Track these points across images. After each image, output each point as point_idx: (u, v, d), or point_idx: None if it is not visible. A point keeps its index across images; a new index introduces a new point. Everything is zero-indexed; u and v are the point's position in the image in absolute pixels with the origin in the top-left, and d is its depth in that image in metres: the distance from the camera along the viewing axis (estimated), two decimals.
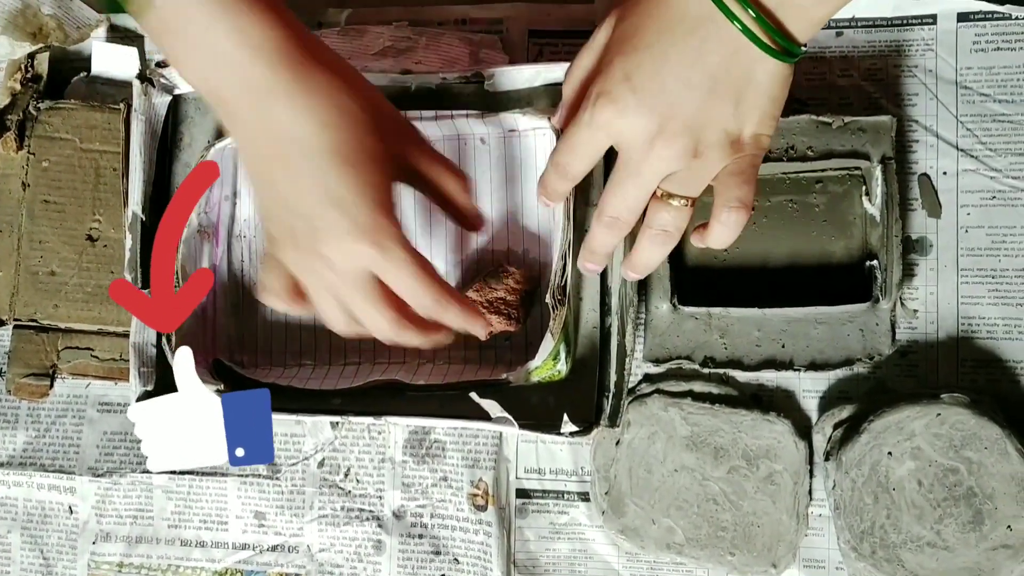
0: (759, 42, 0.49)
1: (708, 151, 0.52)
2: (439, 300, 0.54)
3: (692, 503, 0.64)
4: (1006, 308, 0.66)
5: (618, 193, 0.54)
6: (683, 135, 0.51)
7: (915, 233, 0.67)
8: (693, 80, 0.50)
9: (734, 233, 0.55)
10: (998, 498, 0.61)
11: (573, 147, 0.55)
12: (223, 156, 0.66)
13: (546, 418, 0.62)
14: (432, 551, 0.69)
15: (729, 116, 0.51)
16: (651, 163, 0.52)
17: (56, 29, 0.72)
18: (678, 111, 0.51)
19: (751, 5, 0.48)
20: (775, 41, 0.49)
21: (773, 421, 0.64)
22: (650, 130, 0.51)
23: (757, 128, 0.52)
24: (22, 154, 0.70)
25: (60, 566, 0.71)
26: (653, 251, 0.56)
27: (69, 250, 0.70)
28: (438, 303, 0.54)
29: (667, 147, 0.51)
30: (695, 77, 0.50)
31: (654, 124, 0.51)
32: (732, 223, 0.54)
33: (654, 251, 0.56)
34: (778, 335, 0.65)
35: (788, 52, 0.50)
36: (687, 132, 0.51)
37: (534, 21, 0.71)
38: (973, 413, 0.61)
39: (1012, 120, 0.66)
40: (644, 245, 0.56)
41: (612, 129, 0.53)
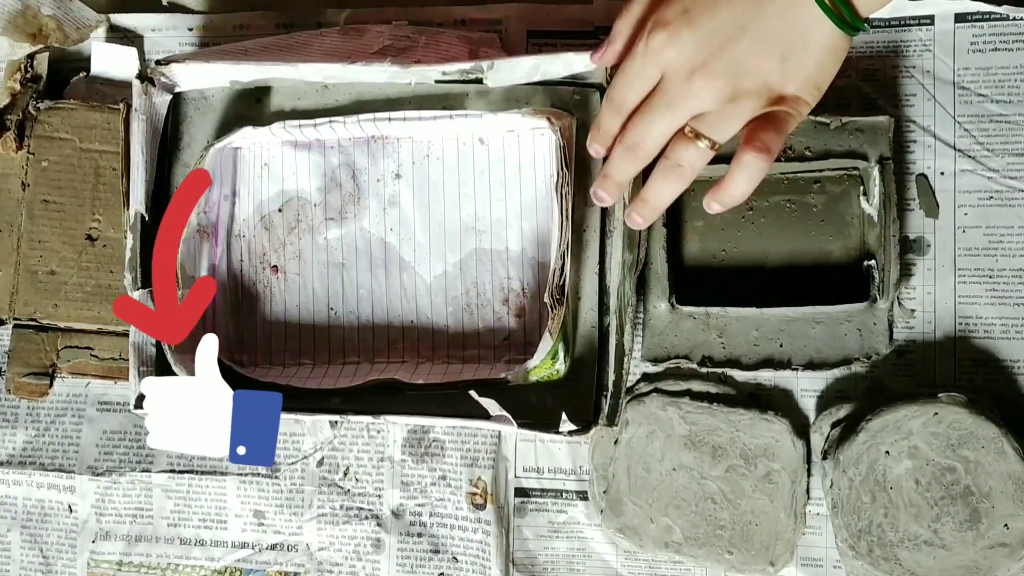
0: (823, 4, 0.49)
1: (744, 98, 0.52)
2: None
3: (690, 502, 0.65)
4: (1003, 308, 0.66)
5: (646, 119, 0.54)
6: (723, 75, 0.52)
7: (913, 233, 0.67)
8: (747, 24, 0.51)
9: (752, 181, 0.54)
10: (995, 497, 0.61)
11: (627, 78, 0.55)
12: (222, 156, 0.66)
13: (545, 417, 0.62)
14: (431, 550, 0.69)
15: (773, 70, 0.52)
16: (687, 96, 0.53)
17: (56, 30, 0.72)
18: (725, 51, 0.52)
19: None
20: (838, 7, 0.50)
21: (771, 420, 0.65)
22: (694, 63, 0.52)
23: (799, 90, 0.53)
24: (22, 154, 0.71)
25: (60, 564, 0.72)
26: (664, 186, 0.56)
27: (69, 250, 0.70)
28: None
29: (705, 83, 0.52)
30: (749, 22, 0.51)
31: (699, 58, 0.52)
32: (753, 168, 0.54)
33: (665, 186, 0.56)
34: (776, 335, 0.65)
35: (849, 24, 0.50)
36: (728, 74, 0.52)
37: (533, 21, 0.71)
38: (970, 412, 0.61)
39: (1009, 120, 0.66)
40: (657, 178, 0.56)
41: (661, 57, 0.53)
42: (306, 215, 0.68)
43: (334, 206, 0.67)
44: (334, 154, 0.67)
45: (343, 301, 0.68)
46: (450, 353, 0.66)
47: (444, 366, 0.66)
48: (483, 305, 0.66)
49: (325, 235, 0.68)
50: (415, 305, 0.67)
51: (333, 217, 0.68)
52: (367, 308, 0.67)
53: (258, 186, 0.68)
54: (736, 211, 0.66)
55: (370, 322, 0.67)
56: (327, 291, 0.68)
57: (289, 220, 0.68)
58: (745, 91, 0.52)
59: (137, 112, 0.65)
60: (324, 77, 0.65)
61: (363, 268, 0.67)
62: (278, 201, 0.68)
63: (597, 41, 0.62)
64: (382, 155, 0.67)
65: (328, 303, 0.68)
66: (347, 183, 0.67)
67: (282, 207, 0.68)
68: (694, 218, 0.68)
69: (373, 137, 0.67)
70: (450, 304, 0.67)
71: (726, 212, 0.56)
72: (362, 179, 0.67)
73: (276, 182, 0.68)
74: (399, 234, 0.67)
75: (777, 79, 0.52)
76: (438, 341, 0.67)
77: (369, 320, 0.67)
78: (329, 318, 0.68)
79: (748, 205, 0.67)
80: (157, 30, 0.73)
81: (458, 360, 0.66)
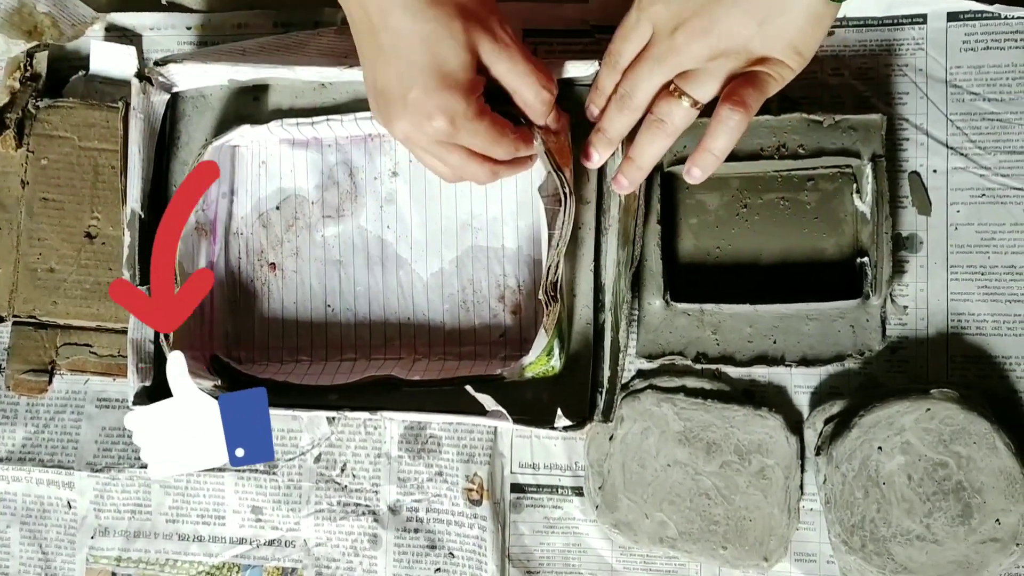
0: None
1: (723, 57, 0.54)
2: (515, 150, 0.58)
3: (685, 497, 0.65)
4: (995, 304, 0.66)
5: (636, 72, 0.57)
6: (703, 34, 0.54)
7: (905, 230, 0.67)
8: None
9: (730, 137, 0.55)
10: (987, 492, 0.61)
11: (623, 33, 0.57)
12: (220, 154, 0.67)
13: (540, 413, 0.62)
14: (427, 545, 0.69)
15: (752, 34, 0.53)
16: (671, 51, 0.55)
17: (51, 27, 0.72)
18: (706, 10, 0.53)
19: None
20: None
21: (765, 416, 0.65)
22: (678, 19, 0.54)
23: (780, 54, 0.54)
24: (21, 152, 0.71)
25: (59, 560, 0.72)
26: (649, 142, 0.58)
27: (68, 247, 0.71)
28: (515, 151, 0.58)
29: (687, 40, 0.54)
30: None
31: (683, 15, 0.54)
32: (731, 121, 0.55)
33: (651, 143, 0.58)
34: (770, 331, 0.66)
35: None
36: (708, 33, 0.53)
37: (529, 20, 0.71)
38: (962, 408, 0.62)
39: (1001, 118, 0.67)
40: (642, 134, 0.58)
41: (651, 11, 0.55)
42: (304, 213, 0.68)
43: (331, 204, 0.68)
44: (331, 152, 0.68)
45: (340, 298, 0.68)
46: (446, 350, 0.67)
47: (440, 363, 0.66)
48: (479, 302, 0.67)
49: (322, 232, 0.68)
50: (412, 302, 0.68)
51: (330, 215, 0.68)
52: (364, 305, 0.68)
53: (256, 184, 0.68)
54: (730, 209, 0.67)
55: (367, 319, 0.68)
56: (324, 288, 0.68)
57: (287, 218, 0.68)
58: (724, 51, 0.54)
59: (135, 111, 0.65)
60: (321, 78, 0.65)
61: (360, 265, 0.68)
62: (276, 199, 0.68)
63: (593, 41, 0.62)
64: (379, 153, 0.68)
65: (325, 300, 0.68)
66: (344, 181, 0.68)
67: (280, 205, 0.68)
68: (688, 215, 0.68)
69: (370, 135, 0.67)
70: (446, 301, 0.67)
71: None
72: (359, 177, 0.68)
73: (274, 180, 0.68)
74: (396, 232, 0.68)
75: (758, 42, 0.53)
76: (434, 338, 0.67)
77: (366, 317, 0.68)
78: (326, 315, 0.68)
79: (742, 203, 0.68)
80: (156, 29, 0.73)
81: (454, 357, 0.67)
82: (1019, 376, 0.66)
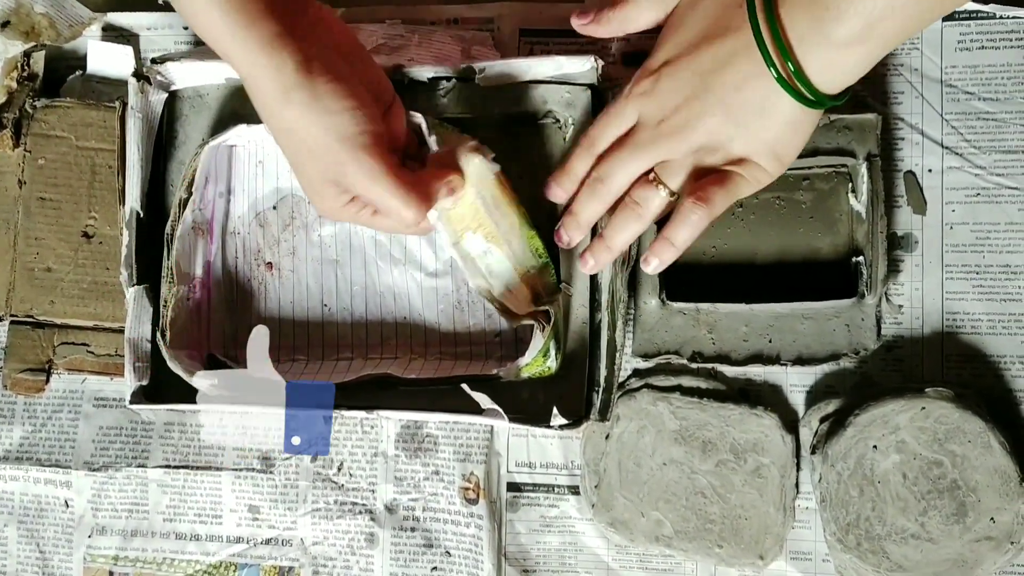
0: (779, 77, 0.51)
1: (703, 153, 0.55)
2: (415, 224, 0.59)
3: (680, 496, 0.65)
4: (990, 304, 0.66)
5: (616, 157, 0.57)
6: (687, 129, 0.54)
7: (900, 230, 0.68)
8: (710, 85, 0.53)
9: (690, 231, 0.57)
10: (981, 491, 0.61)
11: (607, 118, 0.58)
12: (217, 154, 0.67)
13: (536, 412, 0.62)
14: (424, 544, 0.70)
15: (733, 134, 0.54)
16: (654, 141, 0.55)
17: (49, 27, 0.72)
18: (689, 106, 0.54)
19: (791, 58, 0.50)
20: (794, 81, 0.51)
21: (760, 415, 0.65)
22: (664, 111, 0.55)
23: (757, 157, 0.54)
24: (18, 151, 0.71)
25: (56, 559, 0.72)
26: (623, 225, 0.58)
27: (65, 247, 0.71)
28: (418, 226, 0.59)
29: (671, 132, 0.54)
30: (713, 83, 0.53)
31: (669, 107, 0.54)
32: (691, 216, 0.56)
33: (624, 226, 0.58)
34: (765, 330, 0.66)
35: (809, 98, 0.51)
36: (692, 128, 0.54)
37: (525, 20, 0.71)
38: (957, 407, 0.62)
39: (996, 118, 0.67)
40: (617, 216, 0.58)
41: (640, 101, 0.56)
42: (300, 212, 0.68)
43: None
44: None
45: (336, 298, 0.68)
46: (442, 350, 0.67)
47: (436, 362, 0.66)
48: (474, 302, 0.67)
49: (319, 232, 0.68)
50: (408, 302, 0.68)
51: None
52: (360, 305, 0.68)
53: (253, 184, 0.69)
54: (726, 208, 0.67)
55: (363, 319, 0.68)
56: (321, 288, 0.68)
57: (283, 217, 0.69)
58: (704, 147, 0.54)
59: (133, 110, 0.65)
60: None
61: (356, 265, 0.68)
62: (273, 198, 0.69)
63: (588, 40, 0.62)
64: None
65: (322, 300, 0.68)
66: None
67: (276, 204, 0.69)
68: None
69: None
70: (442, 301, 0.67)
71: None
72: None
73: (271, 179, 0.68)
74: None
75: (738, 143, 0.54)
76: (430, 338, 0.67)
77: (362, 317, 0.68)
78: (323, 314, 0.68)
79: (738, 203, 0.68)
80: (153, 29, 0.73)
81: (450, 357, 0.67)
82: (1014, 375, 0.66)
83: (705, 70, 0.53)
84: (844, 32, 0.49)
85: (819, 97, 0.52)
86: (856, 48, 0.50)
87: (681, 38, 0.55)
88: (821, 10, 0.49)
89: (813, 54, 0.50)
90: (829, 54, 0.50)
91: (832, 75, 0.51)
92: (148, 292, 0.66)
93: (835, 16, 0.48)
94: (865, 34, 0.49)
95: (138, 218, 0.66)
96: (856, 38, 0.49)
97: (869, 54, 0.50)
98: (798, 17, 0.50)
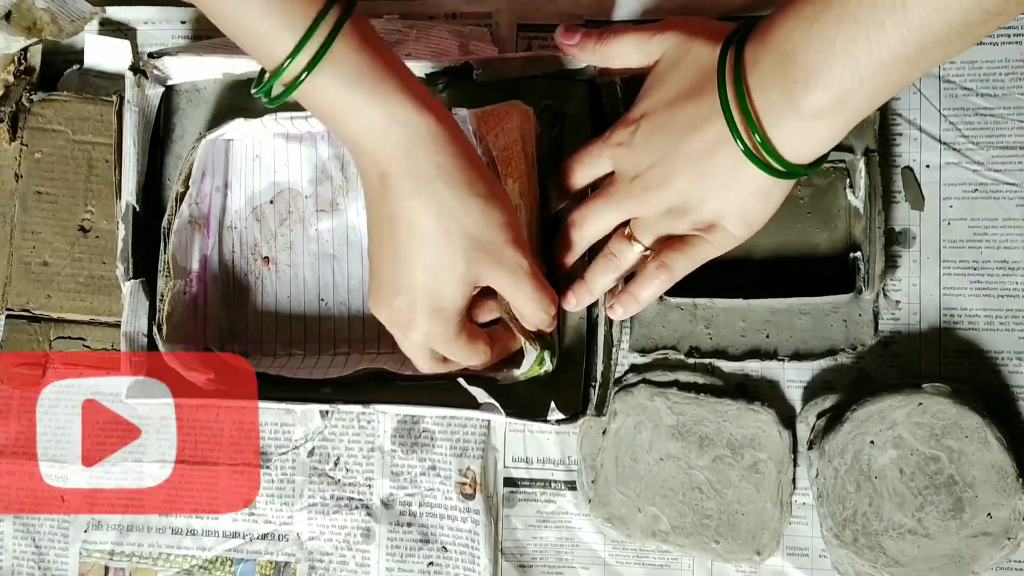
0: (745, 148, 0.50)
1: (674, 214, 0.55)
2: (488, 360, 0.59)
3: (677, 491, 0.65)
4: (987, 299, 0.66)
5: (589, 207, 0.58)
6: (659, 189, 0.54)
7: (898, 225, 0.68)
8: (681, 147, 0.53)
9: (653, 291, 0.59)
10: (978, 486, 0.61)
11: (583, 158, 0.59)
12: (214, 148, 0.67)
13: (533, 407, 0.62)
14: (420, 539, 0.69)
15: (702, 198, 0.54)
16: (626, 197, 0.56)
17: (50, 23, 0.72)
18: (660, 167, 0.54)
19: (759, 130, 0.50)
20: (761, 152, 0.50)
21: (757, 410, 0.65)
22: (637, 168, 0.55)
23: (725, 222, 0.54)
24: (15, 145, 0.71)
25: (52, 554, 0.72)
26: (601, 274, 0.60)
27: (61, 241, 0.71)
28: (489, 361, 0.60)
29: (642, 189, 0.55)
30: (684, 146, 0.53)
31: (642, 165, 0.55)
32: (654, 279, 0.58)
33: (602, 274, 0.60)
34: (762, 325, 0.66)
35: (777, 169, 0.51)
36: (663, 189, 0.54)
37: (523, 15, 0.71)
38: (954, 402, 0.62)
39: (994, 114, 0.67)
40: (597, 264, 0.60)
41: (616, 152, 0.57)
42: (297, 207, 0.68)
43: (325, 198, 0.68)
44: (324, 146, 0.68)
45: (334, 292, 0.68)
46: None
47: None
48: None
49: (316, 227, 0.68)
50: None
51: (324, 209, 0.68)
52: (357, 299, 0.68)
53: (250, 178, 0.68)
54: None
55: (360, 313, 0.68)
56: (318, 282, 0.68)
57: (280, 212, 0.68)
58: (674, 208, 0.55)
59: (130, 104, 0.65)
60: None
61: (354, 259, 0.68)
62: (269, 193, 0.68)
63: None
64: None
65: (319, 294, 0.68)
66: (337, 175, 0.68)
67: (273, 199, 0.69)
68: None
69: None
70: None
71: None
72: (351, 171, 0.68)
73: (267, 174, 0.68)
74: None
75: (708, 208, 0.54)
76: None
77: (360, 311, 0.68)
78: (320, 309, 0.68)
79: None
80: (150, 23, 0.73)
81: None
82: (1011, 371, 0.66)
83: (679, 131, 0.53)
84: (813, 103, 0.48)
85: (789, 168, 0.51)
86: (826, 119, 0.48)
87: (661, 94, 0.55)
88: (790, 82, 0.48)
89: (782, 125, 0.49)
90: (798, 125, 0.49)
91: (801, 146, 0.50)
92: (144, 286, 0.65)
93: (803, 88, 0.47)
94: (834, 106, 0.48)
95: (134, 212, 0.65)
96: (825, 109, 0.48)
97: (839, 125, 0.49)
98: (768, 87, 0.49)
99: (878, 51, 0.45)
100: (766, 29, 0.50)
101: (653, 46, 0.57)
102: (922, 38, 0.44)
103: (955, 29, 0.43)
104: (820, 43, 0.46)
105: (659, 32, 0.56)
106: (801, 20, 0.47)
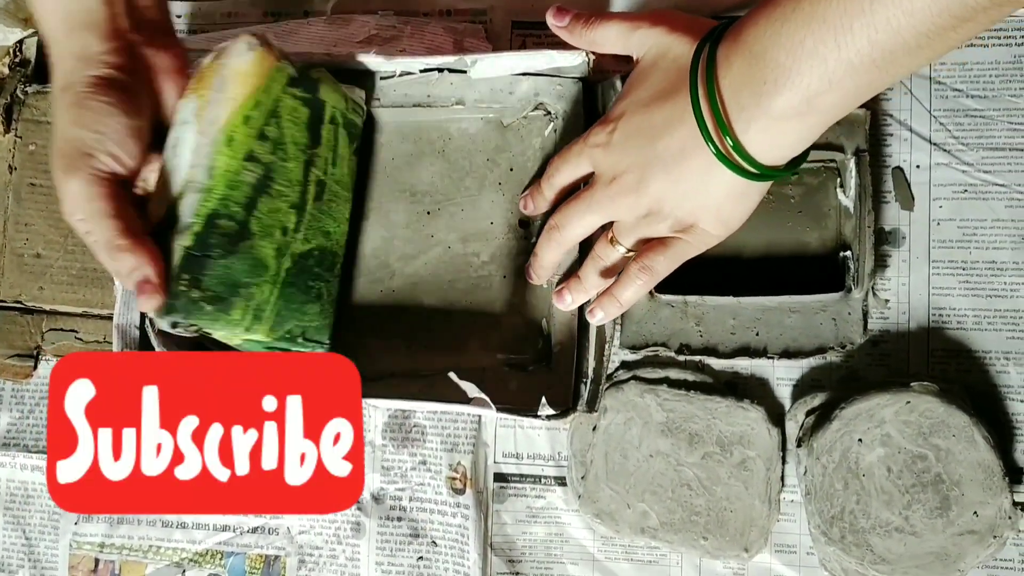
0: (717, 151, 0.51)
1: (653, 217, 0.55)
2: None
3: (666, 488, 0.66)
4: (976, 299, 0.67)
5: (569, 209, 0.59)
6: (635, 192, 0.54)
7: (888, 225, 0.68)
8: (657, 149, 0.53)
9: (636, 293, 0.59)
10: (965, 485, 0.62)
11: (564, 159, 0.59)
12: None
13: (524, 403, 0.62)
14: (410, 534, 0.70)
15: (678, 201, 0.54)
16: (604, 200, 0.56)
17: None
18: (641, 170, 0.54)
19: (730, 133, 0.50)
20: (732, 155, 0.50)
21: (747, 408, 0.65)
22: (616, 170, 0.55)
23: (703, 223, 0.55)
24: (9, 137, 0.71)
25: (42, 546, 0.72)
26: (591, 274, 0.60)
27: (55, 233, 0.71)
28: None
29: (620, 193, 0.55)
30: (659, 148, 0.53)
31: (620, 168, 0.55)
32: (636, 281, 0.58)
33: (592, 275, 0.60)
34: (752, 323, 0.66)
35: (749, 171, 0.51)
36: (640, 192, 0.54)
37: (518, 12, 0.72)
38: (942, 401, 0.62)
39: (984, 115, 0.67)
40: (587, 264, 0.60)
41: (594, 153, 0.57)
42: None
43: None
44: None
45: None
46: None
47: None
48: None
49: None
50: None
51: None
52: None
53: None
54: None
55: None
56: None
57: None
58: (651, 211, 0.55)
59: None
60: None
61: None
62: None
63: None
64: None
65: None
66: None
67: None
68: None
69: None
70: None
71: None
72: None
73: None
74: None
75: (685, 209, 0.54)
76: None
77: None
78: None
79: None
80: None
81: None
82: (998, 371, 0.67)
83: (655, 133, 0.53)
84: (782, 104, 0.47)
85: (762, 170, 0.51)
86: (795, 121, 0.48)
87: (640, 93, 0.55)
88: (759, 83, 0.48)
89: (752, 127, 0.49)
90: (768, 126, 0.49)
91: (772, 148, 0.50)
92: None
93: (772, 89, 0.47)
94: (804, 107, 0.47)
95: None
96: (795, 111, 0.48)
97: (809, 127, 0.49)
98: (739, 89, 0.49)
99: (846, 53, 0.45)
100: (740, 29, 0.50)
101: (635, 40, 0.56)
102: (890, 41, 0.44)
103: (923, 34, 0.43)
104: (790, 44, 0.46)
105: (643, 26, 0.56)
106: (772, 20, 0.47)
